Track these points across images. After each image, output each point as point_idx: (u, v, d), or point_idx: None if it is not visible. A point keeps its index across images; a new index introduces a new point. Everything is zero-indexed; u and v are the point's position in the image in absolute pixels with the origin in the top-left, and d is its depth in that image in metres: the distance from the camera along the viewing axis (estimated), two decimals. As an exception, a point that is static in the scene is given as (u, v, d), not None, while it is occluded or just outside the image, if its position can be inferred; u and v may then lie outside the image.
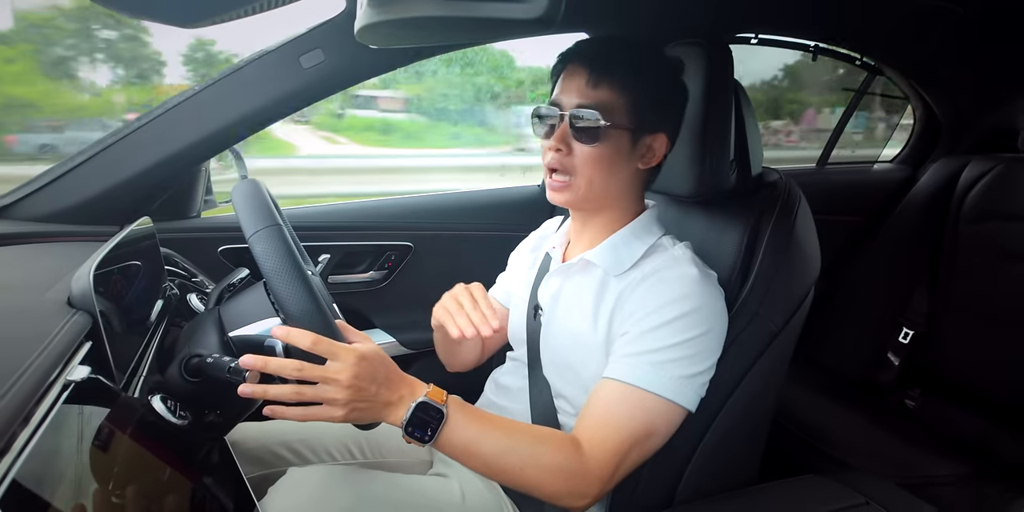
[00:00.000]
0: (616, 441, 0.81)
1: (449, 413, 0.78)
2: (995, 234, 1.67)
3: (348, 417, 0.74)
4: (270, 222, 0.78)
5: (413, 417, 0.76)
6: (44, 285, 0.79)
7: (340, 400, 0.72)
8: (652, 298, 0.86)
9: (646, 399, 0.82)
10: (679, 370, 0.83)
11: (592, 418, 0.84)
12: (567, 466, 0.80)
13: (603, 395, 0.85)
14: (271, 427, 1.10)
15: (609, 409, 0.83)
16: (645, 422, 0.82)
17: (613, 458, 0.81)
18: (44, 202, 1.23)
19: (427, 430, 0.76)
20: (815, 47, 1.79)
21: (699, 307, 0.85)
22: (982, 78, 1.85)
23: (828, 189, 2.02)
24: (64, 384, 0.58)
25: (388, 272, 1.61)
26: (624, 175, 0.92)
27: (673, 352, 0.83)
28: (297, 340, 0.71)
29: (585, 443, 0.82)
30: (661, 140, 0.91)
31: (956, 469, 1.45)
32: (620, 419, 0.82)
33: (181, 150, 1.25)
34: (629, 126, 0.88)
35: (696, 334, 0.84)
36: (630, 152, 0.90)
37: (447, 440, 0.77)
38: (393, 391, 0.76)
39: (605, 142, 0.87)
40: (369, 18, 0.84)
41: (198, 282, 1.18)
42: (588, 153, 0.88)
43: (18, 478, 0.45)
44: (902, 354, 1.83)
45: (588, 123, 0.86)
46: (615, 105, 0.87)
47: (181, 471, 0.70)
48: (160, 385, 0.79)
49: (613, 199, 0.95)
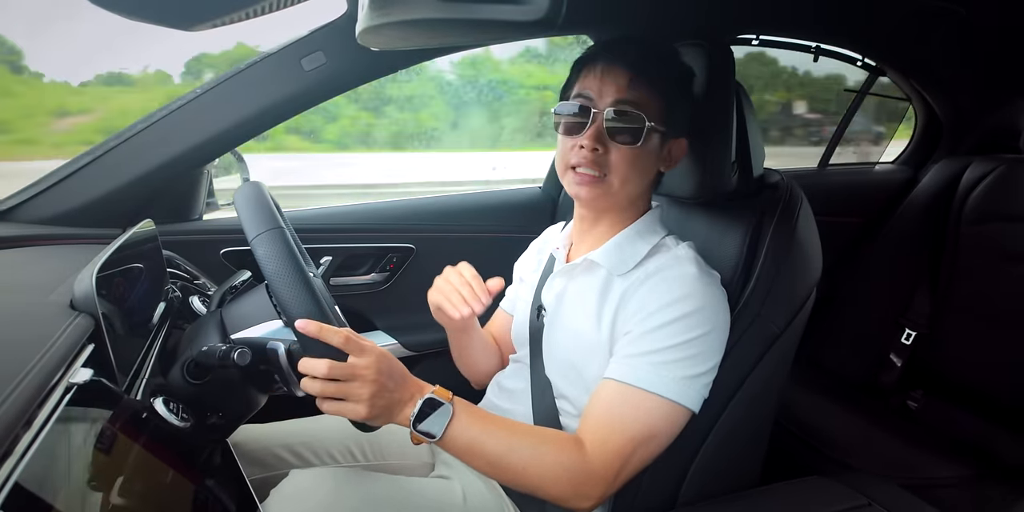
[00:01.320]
0: (619, 442, 0.81)
1: (455, 410, 0.79)
2: (997, 235, 1.67)
3: (371, 414, 0.75)
4: (272, 224, 0.78)
5: (421, 412, 0.77)
6: (47, 288, 0.79)
7: (365, 395, 0.74)
8: (654, 298, 0.86)
9: (648, 400, 0.82)
10: (681, 371, 0.83)
11: (594, 419, 0.84)
12: (571, 466, 0.80)
13: (604, 396, 0.85)
14: (273, 429, 1.10)
15: (611, 410, 0.83)
16: (647, 423, 0.82)
17: (616, 459, 0.81)
18: (47, 205, 1.23)
19: (434, 425, 0.77)
20: (816, 48, 1.79)
21: (701, 307, 0.85)
22: (984, 79, 1.85)
23: (829, 190, 2.02)
24: (67, 386, 0.58)
25: (390, 274, 1.61)
26: (651, 177, 0.94)
27: (675, 352, 0.83)
28: (329, 337, 0.73)
29: (588, 444, 0.82)
30: (681, 144, 0.94)
31: (958, 471, 1.45)
32: (622, 420, 0.82)
33: (183, 153, 1.26)
34: (663, 129, 0.89)
35: (698, 334, 0.84)
36: (659, 155, 0.92)
37: (453, 437, 0.78)
38: (404, 390, 0.78)
39: (645, 143, 0.88)
40: (370, 20, 0.85)
41: (200, 284, 1.18)
42: (627, 153, 0.88)
43: (20, 481, 0.45)
44: (904, 355, 1.83)
45: (631, 123, 0.87)
46: (653, 107, 0.88)
47: (183, 473, 0.70)
48: (162, 387, 0.79)
49: (635, 199, 0.96)
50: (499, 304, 1.24)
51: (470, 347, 1.13)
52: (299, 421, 1.14)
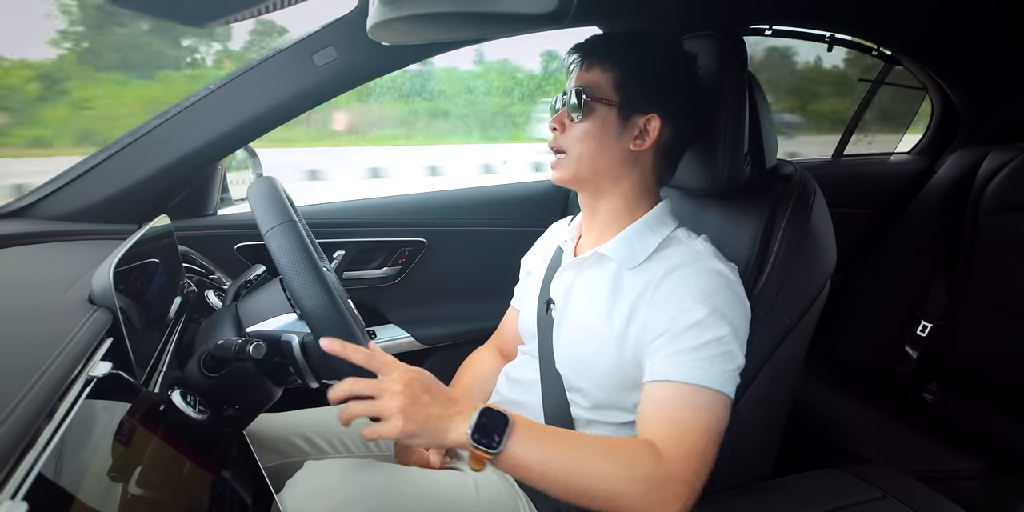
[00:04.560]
0: (692, 440, 0.80)
1: (513, 419, 0.76)
2: (1015, 226, 1.65)
3: (407, 428, 0.72)
4: (285, 219, 0.79)
5: (478, 423, 0.74)
6: (65, 283, 0.80)
7: (395, 408, 0.72)
8: (680, 294, 0.86)
9: (704, 395, 0.82)
10: (724, 364, 0.83)
11: (657, 421, 0.82)
12: (650, 471, 0.76)
13: (663, 397, 0.83)
14: (289, 418, 1.11)
15: (674, 410, 0.82)
16: (709, 418, 0.82)
17: (694, 457, 0.79)
18: (64, 201, 1.25)
19: (493, 436, 0.74)
20: (830, 37, 1.77)
21: (729, 301, 0.86)
22: (1002, 67, 1.82)
23: (844, 181, 2.00)
24: (86, 380, 0.59)
25: (402, 268, 1.62)
26: (615, 153, 0.94)
27: (716, 347, 0.83)
28: (353, 356, 0.73)
29: (661, 445, 0.79)
30: (655, 121, 0.92)
31: (974, 463, 1.44)
32: (689, 418, 0.81)
33: (197, 149, 1.26)
34: (615, 101, 0.92)
35: (730, 328, 0.85)
36: (620, 130, 0.93)
37: (513, 450, 0.74)
38: (448, 406, 0.76)
39: (591, 117, 0.93)
40: (381, 15, 0.85)
41: (215, 279, 1.20)
42: (576, 129, 0.94)
43: (43, 472, 0.46)
44: (920, 347, 1.81)
45: (575, 100, 0.92)
46: (600, 82, 0.93)
47: (200, 464, 0.71)
48: (179, 380, 0.80)
49: (608, 181, 0.96)
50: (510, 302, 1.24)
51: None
52: (314, 410, 1.15)
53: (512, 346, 1.19)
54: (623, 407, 0.94)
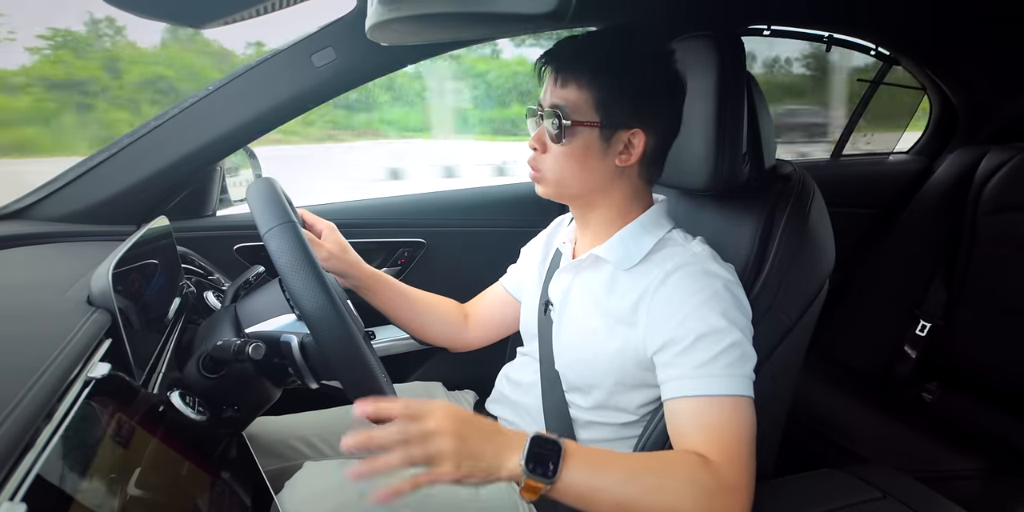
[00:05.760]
0: (740, 448, 0.78)
1: (566, 445, 0.72)
2: (1014, 225, 1.65)
3: (460, 472, 0.67)
4: (284, 219, 0.79)
5: (531, 453, 0.69)
6: (64, 284, 0.80)
7: (448, 451, 0.67)
8: (681, 299, 0.85)
9: (734, 402, 0.81)
10: (744, 367, 0.82)
11: (696, 435, 0.80)
12: (704, 482, 0.74)
13: (694, 412, 0.81)
14: (288, 421, 1.11)
15: (716, 421, 0.80)
16: (748, 425, 0.81)
17: (745, 464, 0.78)
18: (63, 203, 1.24)
19: (548, 464, 0.70)
20: (829, 37, 1.77)
21: (733, 303, 0.85)
22: (1000, 67, 1.82)
23: (842, 181, 2.00)
24: (85, 381, 0.59)
25: (401, 268, 1.61)
26: (600, 172, 0.90)
27: (733, 352, 0.82)
28: (388, 412, 0.68)
29: (712, 456, 0.77)
30: (639, 136, 0.88)
31: (973, 463, 1.44)
32: (730, 427, 0.79)
33: (196, 150, 1.26)
34: (597, 122, 0.86)
35: (740, 330, 0.84)
36: (603, 148, 0.88)
37: (569, 475, 0.70)
38: (495, 437, 0.71)
39: (572, 140, 0.87)
40: (380, 16, 0.85)
41: (214, 280, 1.20)
42: (557, 151, 0.89)
43: (42, 473, 0.46)
44: (919, 347, 1.82)
45: (555, 122, 0.87)
46: (578, 102, 0.86)
47: (200, 465, 0.71)
48: (179, 381, 0.80)
49: (597, 196, 0.93)
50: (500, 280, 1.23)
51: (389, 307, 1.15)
52: (314, 413, 1.15)
53: (480, 316, 1.21)
54: (622, 407, 0.94)
